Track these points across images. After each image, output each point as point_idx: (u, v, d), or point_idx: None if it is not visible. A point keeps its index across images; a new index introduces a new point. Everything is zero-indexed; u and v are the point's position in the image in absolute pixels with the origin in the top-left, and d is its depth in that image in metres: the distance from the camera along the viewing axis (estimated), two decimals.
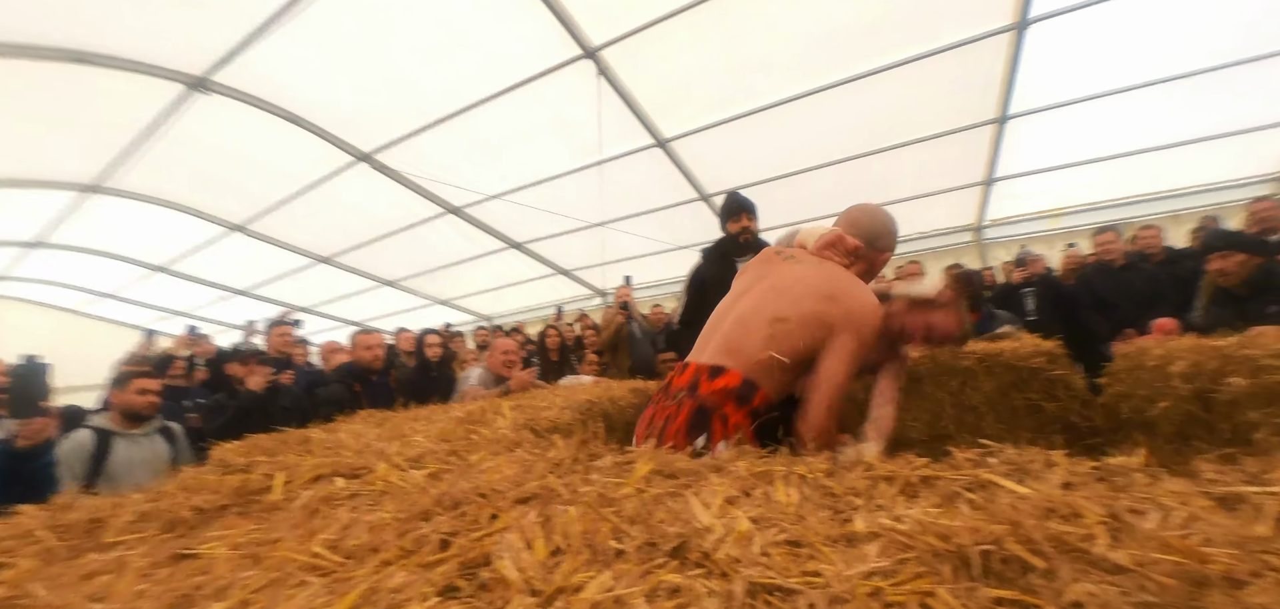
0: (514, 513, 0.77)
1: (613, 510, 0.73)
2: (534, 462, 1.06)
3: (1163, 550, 0.45)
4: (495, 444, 1.30)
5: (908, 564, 0.50)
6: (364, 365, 3.56)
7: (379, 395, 3.33)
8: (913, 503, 0.66)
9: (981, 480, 0.68)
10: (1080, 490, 0.62)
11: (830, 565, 0.53)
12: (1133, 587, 0.42)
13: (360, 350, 3.60)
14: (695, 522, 0.63)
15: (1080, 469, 0.69)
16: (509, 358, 3.44)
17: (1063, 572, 0.43)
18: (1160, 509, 0.54)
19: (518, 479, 0.95)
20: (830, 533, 0.60)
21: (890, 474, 0.75)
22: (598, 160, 5.53)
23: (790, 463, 0.85)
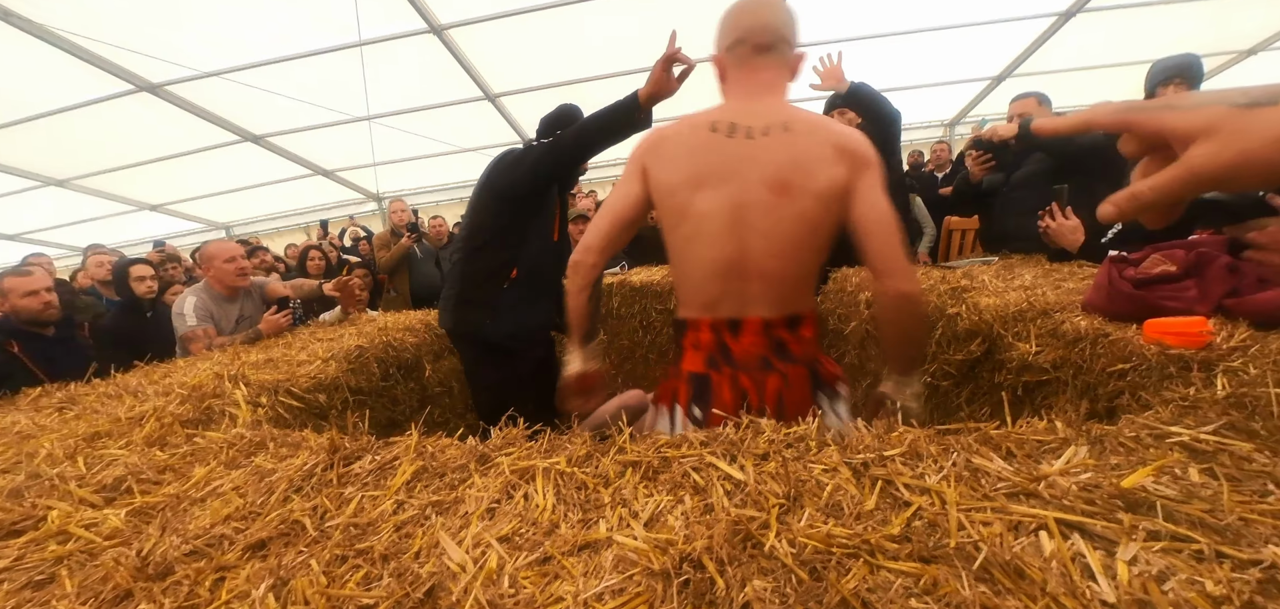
0: (244, 572, 0.69)
1: (365, 548, 0.71)
2: (275, 476, 0.95)
3: (808, 538, 0.61)
4: (229, 450, 1.12)
5: (633, 580, 0.59)
6: (27, 317, 2.61)
7: (59, 357, 2.52)
8: (650, 491, 0.77)
9: (705, 461, 0.82)
10: (772, 463, 0.79)
11: (572, 584, 0.60)
12: (782, 579, 0.57)
13: (15, 296, 2.61)
14: (448, 561, 0.65)
15: (779, 438, 0.88)
16: (239, 268, 2.74)
17: (738, 577, 0.56)
18: (816, 485, 0.73)
19: (251, 510, 0.84)
20: (577, 540, 0.68)
21: (636, 459, 0.86)
22: (356, 42, 4.68)
23: (551, 452, 0.91)
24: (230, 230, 8.91)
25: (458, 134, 6.53)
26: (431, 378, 2.72)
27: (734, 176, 1.11)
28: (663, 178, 1.17)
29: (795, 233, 1.11)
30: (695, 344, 1.21)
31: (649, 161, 1.20)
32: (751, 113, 1.13)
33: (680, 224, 1.16)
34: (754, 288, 1.14)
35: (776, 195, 1.09)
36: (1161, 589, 0.49)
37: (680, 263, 1.21)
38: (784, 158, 1.09)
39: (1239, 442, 0.70)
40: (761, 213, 1.10)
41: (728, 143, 1.12)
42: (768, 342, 1.16)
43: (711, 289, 1.16)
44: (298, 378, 1.89)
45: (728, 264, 1.14)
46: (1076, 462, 0.68)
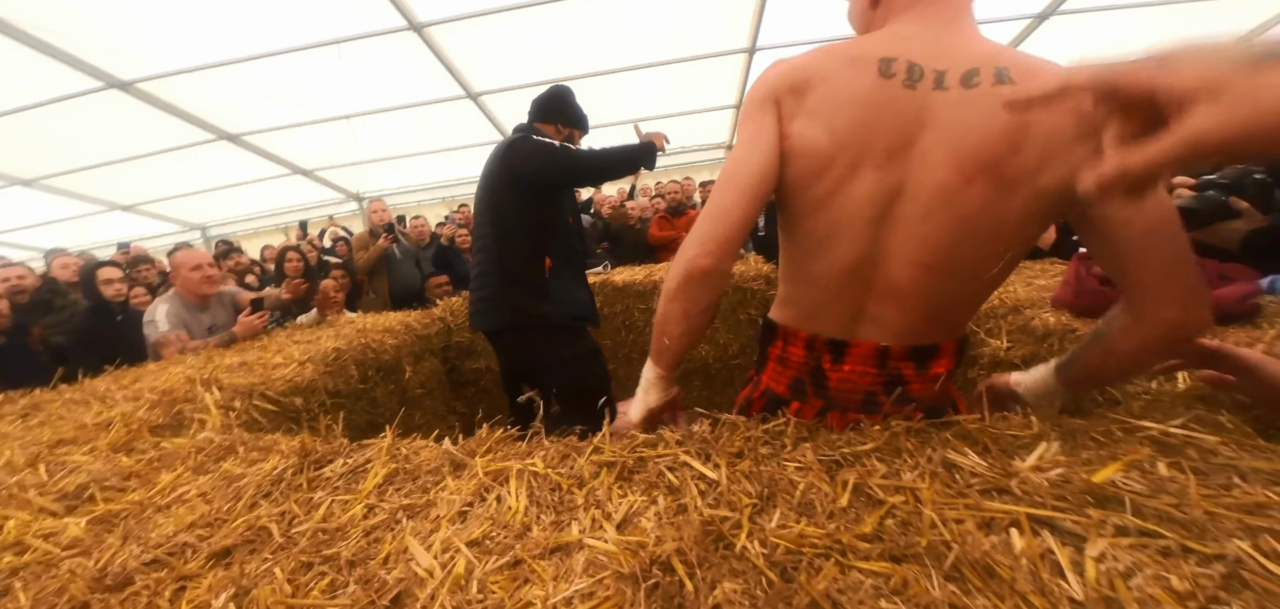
0: (207, 580, 0.67)
1: (331, 555, 0.69)
2: (244, 481, 0.92)
3: (779, 538, 0.61)
4: (197, 455, 1.09)
5: (603, 584, 0.58)
6: None
7: (17, 365, 2.45)
8: (625, 491, 0.77)
9: (680, 461, 0.82)
10: (744, 463, 0.79)
11: (541, 588, 0.59)
12: (752, 580, 0.56)
13: None
14: (415, 567, 0.64)
15: (754, 433, 0.88)
16: (206, 275, 2.70)
17: (708, 579, 0.56)
18: (790, 485, 0.72)
19: (217, 517, 0.82)
20: (549, 543, 0.66)
21: (611, 459, 0.85)
22: (335, 39, 4.60)
23: (527, 454, 0.90)
24: (206, 232, 8.73)
25: (438, 133, 6.45)
26: (412, 379, 2.68)
27: (910, 149, 0.75)
28: (809, 143, 0.78)
29: (980, 238, 0.75)
30: (781, 358, 0.95)
31: (790, 108, 0.80)
32: (941, 49, 0.74)
33: (820, 210, 0.81)
34: (876, 307, 0.84)
35: (970, 182, 0.72)
36: (1128, 586, 0.49)
37: (791, 255, 0.90)
38: (999, 125, 0.70)
39: (1206, 434, 0.71)
40: (933, 205, 0.75)
41: (905, 96, 0.74)
42: (880, 374, 0.87)
43: (822, 297, 0.87)
44: (273, 381, 1.85)
45: (852, 270, 0.82)
46: (1048, 457, 0.69)
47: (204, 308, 2.75)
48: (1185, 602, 0.46)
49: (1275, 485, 0.60)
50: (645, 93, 5.97)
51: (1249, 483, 0.61)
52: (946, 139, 0.73)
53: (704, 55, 5.38)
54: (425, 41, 4.67)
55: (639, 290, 3.03)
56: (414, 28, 4.49)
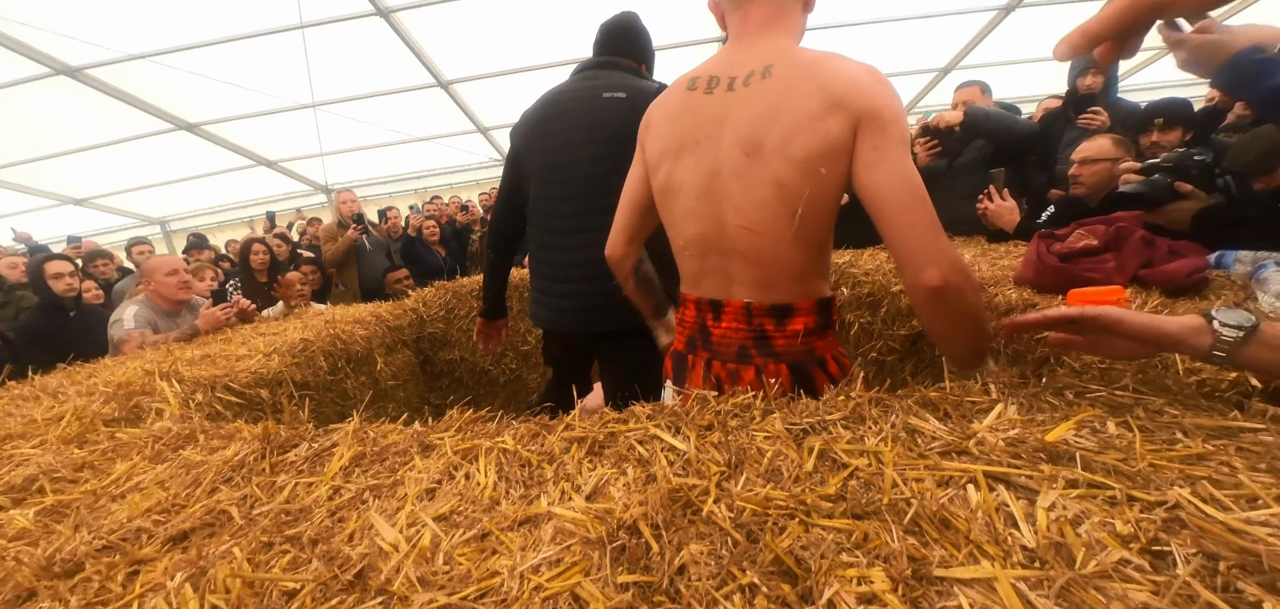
0: (162, 564, 0.65)
1: (294, 534, 0.68)
2: (203, 467, 0.90)
3: (746, 502, 0.62)
4: (154, 444, 1.05)
5: (570, 550, 0.58)
6: None
7: None
8: (595, 464, 0.77)
9: (650, 434, 0.82)
10: (714, 434, 0.79)
11: (509, 558, 0.59)
12: (718, 542, 0.57)
13: None
14: (380, 541, 0.63)
15: (725, 408, 0.88)
16: (181, 281, 2.63)
17: (674, 541, 0.56)
18: (758, 453, 0.73)
19: (174, 503, 0.79)
20: (516, 516, 0.66)
21: (582, 435, 0.85)
22: (298, 24, 4.47)
23: (498, 433, 0.89)
24: (166, 226, 8.42)
25: (409, 122, 6.34)
26: (384, 371, 2.64)
27: (709, 138, 0.97)
28: (651, 152, 1.08)
29: (769, 204, 0.92)
30: (681, 321, 1.15)
31: (643, 137, 1.12)
32: (736, 61, 0.96)
33: (666, 198, 1.06)
34: (735, 267, 1.01)
35: (749, 158, 0.92)
36: (1076, 532, 0.51)
37: (671, 237, 1.11)
38: (758, 111, 0.91)
39: (1152, 396, 0.74)
40: (735, 180, 0.94)
41: (705, 101, 0.98)
42: (748, 330, 1.02)
43: (694, 265, 1.07)
44: (236, 373, 1.79)
45: (705, 239, 1.02)
46: (1005, 419, 0.71)
47: (175, 315, 2.66)
48: (1128, 544, 0.48)
49: (1214, 439, 0.63)
50: None
51: (1191, 437, 0.64)
52: (733, 127, 0.94)
53: (678, 44, 5.38)
54: (393, 27, 4.58)
55: None
56: (381, 12, 4.39)
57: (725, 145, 0.95)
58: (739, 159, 0.94)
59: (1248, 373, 0.76)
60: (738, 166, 0.94)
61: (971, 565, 0.49)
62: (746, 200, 0.94)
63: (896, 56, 6.25)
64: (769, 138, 0.90)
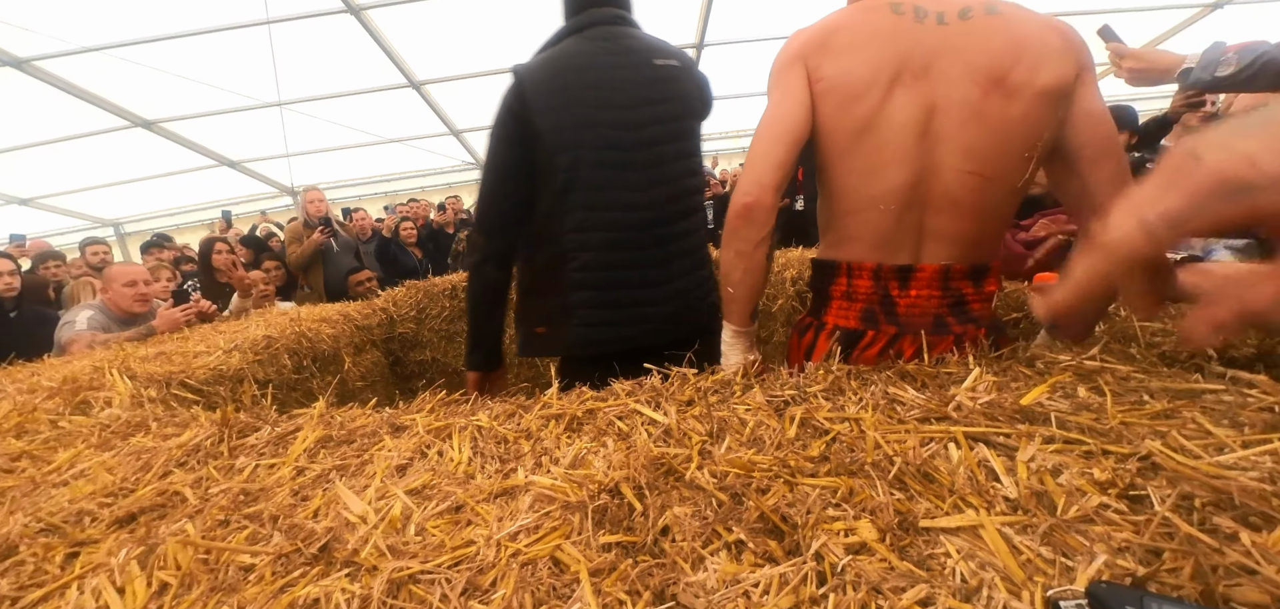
0: (106, 545, 0.60)
1: (253, 510, 0.64)
2: (155, 452, 0.84)
3: (729, 466, 0.61)
4: (101, 432, 0.99)
5: (549, 516, 0.56)
6: None
7: None
8: (573, 439, 0.75)
9: (630, 409, 0.80)
10: (695, 409, 0.78)
11: (485, 528, 0.56)
12: (702, 503, 0.55)
13: None
14: (347, 513, 0.59)
15: (705, 384, 0.88)
16: (139, 294, 2.53)
17: (658, 502, 0.55)
18: (739, 424, 0.72)
19: (122, 487, 0.74)
20: (493, 489, 0.64)
21: (560, 411, 0.82)
22: (264, 20, 4.34)
23: (473, 412, 0.87)
24: (120, 228, 8.06)
25: (379, 123, 6.21)
26: (352, 371, 2.56)
27: (931, 71, 0.86)
28: (842, 76, 0.89)
29: (1008, 144, 0.85)
30: (847, 293, 0.98)
31: (816, 60, 0.91)
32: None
33: (862, 138, 0.90)
34: (938, 223, 0.90)
35: (986, 94, 0.84)
36: (1056, 481, 0.51)
37: (844, 189, 0.95)
38: (999, 44, 0.84)
39: (1118, 363, 0.76)
40: (965, 118, 0.85)
41: (917, 28, 0.86)
42: (945, 296, 0.92)
43: (883, 223, 0.92)
44: (193, 369, 1.71)
45: (910, 189, 0.89)
46: (981, 385, 0.72)
47: (130, 322, 2.54)
48: (1106, 490, 0.49)
49: (1179, 399, 0.65)
50: None
51: (1157, 398, 0.65)
52: (959, 60, 0.85)
53: None
54: (364, 25, 4.49)
55: None
56: (351, 10, 4.30)
57: (953, 79, 0.85)
58: (973, 94, 0.84)
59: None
60: (971, 103, 0.85)
61: (957, 515, 0.48)
62: (980, 141, 0.86)
63: None
64: (1016, 71, 0.83)
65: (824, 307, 1.03)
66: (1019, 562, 0.43)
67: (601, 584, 0.46)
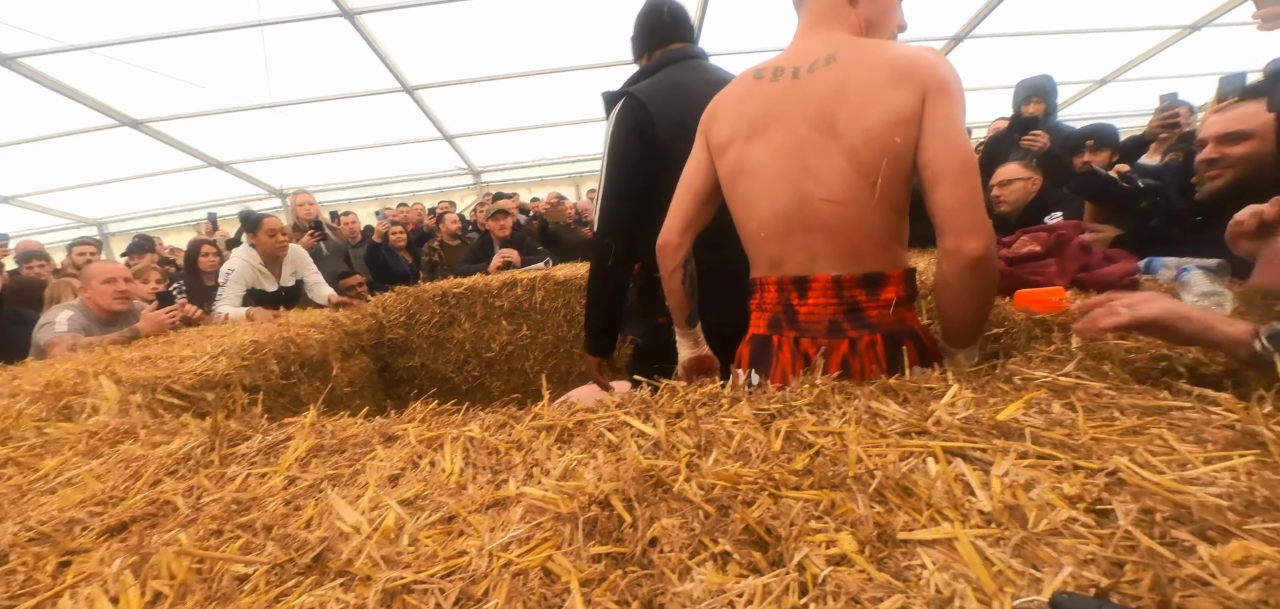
0: (98, 554, 0.60)
1: (246, 520, 0.64)
2: (144, 461, 0.85)
3: (716, 478, 0.62)
4: (89, 439, 0.99)
5: (540, 528, 0.57)
6: None
7: None
8: (564, 450, 0.76)
9: (619, 421, 0.82)
10: (683, 421, 0.80)
11: (477, 539, 0.58)
12: (690, 515, 0.57)
13: None
14: (340, 523, 0.60)
15: (693, 397, 0.89)
16: (119, 291, 2.47)
17: (646, 514, 0.56)
18: (727, 436, 0.74)
19: (112, 496, 0.74)
20: (485, 499, 0.65)
21: (550, 423, 0.84)
22: (257, 22, 4.32)
23: (464, 422, 0.88)
24: (103, 228, 7.94)
25: (370, 126, 6.19)
26: (340, 376, 2.54)
27: (780, 120, 1.02)
28: (718, 137, 1.11)
29: (848, 175, 0.97)
30: (759, 305, 1.14)
31: (707, 125, 1.14)
32: (800, 53, 1.03)
33: (738, 180, 1.09)
34: (820, 241, 1.02)
35: (823, 135, 0.97)
36: (1028, 496, 0.53)
37: (742, 223, 1.12)
38: (827, 92, 0.97)
39: (1091, 381, 0.79)
40: (813, 156, 0.99)
41: (773, 87, 1.04)
42: (838, 303, 1.03)
43: (774, 246, 1.07)
44: (179, 374, 1.70)
45: (786, 216, 1.03)
46: (960, 401, 0.74)
47: (111, 323, 2.50)
48: (1075, 504, 0.51)
49: (1146, 416, 0.67)
50: (587, 94, 5.97)
51: (1126, 415, 0.68)
52: (802, 109, 1.00)
53: None
54: (358, 29, 4.48)
55: (578, 285, 3.01)
56: (345, 14, 4.29)
57: (797, 125, 1.00)
58: (814, 136, 0.98)
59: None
60: (813, 143, 0.99)
61: (933, 527, 0.50)
62: (826, 173, 0.98)
63: None
64: (840, 113, 0.96)
65: (749, 319, 1.20)
66: (991, 573, 0.45)
67: (592, 594, 0.47)
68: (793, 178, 1.01)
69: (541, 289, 3.04)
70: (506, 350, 3.13)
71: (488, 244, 3.86)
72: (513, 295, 3.07)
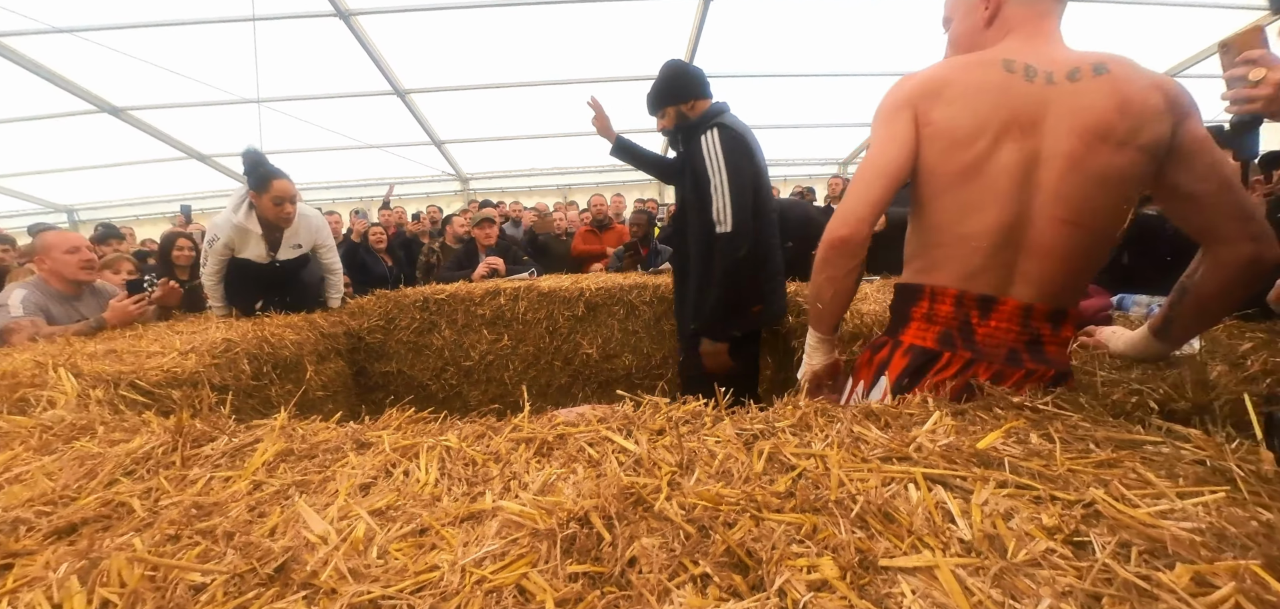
0: (43, 557, 0.57)
1: (206, 526, 0.61)
2: (100, 459, 0.81)
3: (698, 498, 0.61)
4: (42, 433, 0.94)
5: (516, 544, 0.56)
6: None
7: None
8: (543, 464, 0.74)
9: (601, 436, 0.81)
10: (665, 438, 0.79)
11: (450, 553, 0.56)
12: (670, 536, 0.56)
13: None
14: (307, 532, 0.58)
15: (677, 414, 0.88)
16: (83, 258, 2.31)
17: (626, 533, 0.55)
18: (709, 455, 0.73)
19: (62, 495, 0.71)
20: (459, 512, 0.63)
21: (530, 435, 0.82)
22: (250, 17, 4.27)
23: (441, 431, 0.86)
24: (73, 214, 7.71)
25: (358, 127, 6.13)
26: (314, 380, 2.48)
27: (1039, 126, 0.91)
28: (951, 123, 0.94)
29: (1105, 196, 0.92)
30: (928, 315, 1.02)
31: (926, 107, 0.97)
32: (1045, 57, 0.94)
33: (968, 181, 0.95)
34: (1030, 263, 0.96)
35: (1090, 148, 0.90)
36: (1007, 525, 0.53)
37: (939, 224, 1.00)
38: (1104, 102, 0.89)
39: (1068, 411, 0.80)
40: (1065, 169, 0.91)
41: (1026, 86, 0.92)
42: (1023, 332, 0.97)
43: (977, 257, 0.97)
44: (145, 370, 1.64)
45: (1005, 229, 0.94)
46: (941, 428, 0.75)
47: (75, 298, 2.38)
48: (1053, 535, 0.51)
49: (1122, 449, 0.68)
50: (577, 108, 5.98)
51: (1102, 448, 0.69)
52: (1066, 117, 0.91)
53: (642, 77, 5.50)
54: (352, 30, 4.45)
55: (564, 297, 2.99)
56: (341, 14, 4.27)
57: (1060, 134, 0.91)
58: (1077, 149, 0.91)
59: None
60: (1074, 157, 0.91)
61: (914, 555, 0.50)
62: (1077, 192, 0.92)
63: (841, 107, 6.63)
64: (1118, 128, 0.89)
65: (902, 326, 1.07)
66: (970, 603, 0.44)
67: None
68: (1031, 189, 0.93)
69: (525, 299, 3.01)
70: (486, 360, 3.09)
71: (473, 252, 3.83)
72: (495, 304, 3.04)
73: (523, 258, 3.90)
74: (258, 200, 2.48)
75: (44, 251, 2.34)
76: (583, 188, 8.02)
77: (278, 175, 2.50)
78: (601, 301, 2.98)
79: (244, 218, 2.48)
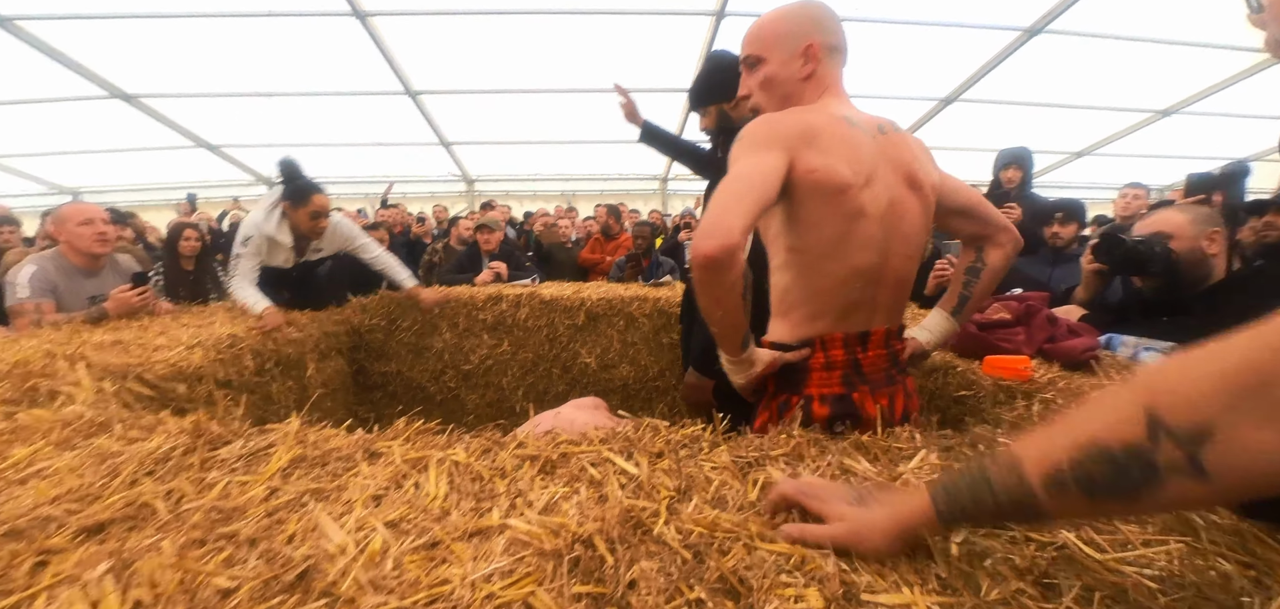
0: (76, 556, 0.61)
1: (229, 531, 0.65)
2: (122, 458, 0.84)
3: (695, 524, 0.65)
4: (60, 429, 0.97)
5: (523, 561, 0.59)
6: None
7: None
8: (547, 482, 0.78)
9: (603, 457, 0.84)
10: (664, 462, 0.83)
11: (459, 568, 0.59)
12: (667, 560, 0.59)
13: None
14: (326, 542, 0.61)
15: (675, 437, 0.92)
16: (98, 233, 2.30)
17: (627, 556, 0.59)
18: (706, 481, 0.77)
19: (88, 493, 0.74)
20: (467, 527, 0.66)
21: (535, 453, 0.86)
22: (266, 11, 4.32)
23: (448, 445, 0.89)
24: (79, 197, 7.73)
25: (368, 126, 6.18)
26: (314, 377, 2.52)
27: (882, 174, 1.03)
28: (830, 171, 0.97)
29: (924, 231, 1.11)
30: (827, 363, 1.07)
31: (800, 151, 0.97)
32: (856, 114, 1.07)
33: (851, 227, 1.00)
34: (885, 295, 1.08)
35: (912, 193, 1.07)
36: (983, 565, 0.57)
37: (814, 271, 1.05)
38: (908, 154, 1.07)
39: None
40: (902, 212, 1.05)
41: (868, 139, 1.03)
42: (888, 353, 1.11)
43: (850, 299, 1.05)
44: (152, 363, 1.67)
45: (874, 269, 1.05)
46: (927, 463, 0.78)
47: (91, 273, 2.37)
48: (1024, 576, 0.55)
49: None
50: (592, 116, 6.05)
51: None
52: (894, 166, 1.05)
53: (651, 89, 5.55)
54: (368, 30, 4.50)
55: (565, 306, 3.03)
56: (357, 14, 4.32)
57: (894, 180, 1.05)
58: (906, 194, 1.06)
59: None
60: (906, 201, 1.06)
61: (894, 592, 0.54)
62: (912, 229, 1.08)
63: None
64: (919, 174, 1.08)
65: (803, 381, 1.08)
66: None
67: None
68: (886, 232, 1.04)
69: (526, 306, 3.05)
70: (485, 364, 3.12)
71: (475, 255, 3.87)
72: (497, 310, 3.07)
73: (526, 263, 3.93)
74: (293, 212, 2.50)
75: (59, 225, 2.35)
76: (586, 196, 8.08)
77: (317, 189, 2.53)
78: (602, 312, 3.02)
79: (276, 229, 2.49)
